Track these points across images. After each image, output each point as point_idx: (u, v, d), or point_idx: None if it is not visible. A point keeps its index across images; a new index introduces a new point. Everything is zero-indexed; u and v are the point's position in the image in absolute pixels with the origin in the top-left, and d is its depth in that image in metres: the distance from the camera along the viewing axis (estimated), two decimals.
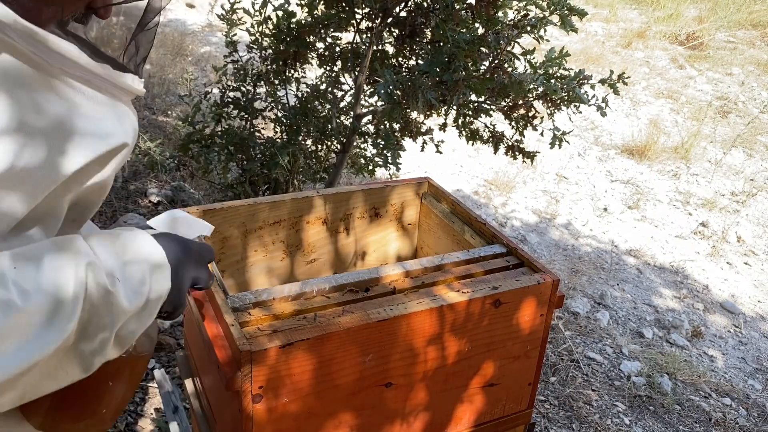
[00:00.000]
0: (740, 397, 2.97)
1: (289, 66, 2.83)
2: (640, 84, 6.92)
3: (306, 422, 1.13)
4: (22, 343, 0.63)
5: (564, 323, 3.26)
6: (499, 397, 1.37)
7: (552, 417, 2.63)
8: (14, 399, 0.67)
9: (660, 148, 5.51)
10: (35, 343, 0.64)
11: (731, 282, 3.97)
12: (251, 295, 1.15)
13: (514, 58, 2.37)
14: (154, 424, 2.16)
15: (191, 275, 0.89)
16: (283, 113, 2.94)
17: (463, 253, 1.38)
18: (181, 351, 1.55)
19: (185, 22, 7.05)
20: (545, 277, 1.30)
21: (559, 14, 2.20)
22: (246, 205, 1.51)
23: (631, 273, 3.93)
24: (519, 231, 4.24)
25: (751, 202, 4.91)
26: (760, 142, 5.92)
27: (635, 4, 9.21)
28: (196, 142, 2.90)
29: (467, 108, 2.60)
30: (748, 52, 7.92)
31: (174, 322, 2.60)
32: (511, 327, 1.29)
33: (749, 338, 3.48)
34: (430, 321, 1.18)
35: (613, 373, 2.98)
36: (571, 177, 5.06)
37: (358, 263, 1.77)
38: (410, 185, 1.73)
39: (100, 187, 0.81)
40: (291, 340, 1.04)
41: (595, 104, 2.42)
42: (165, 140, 4.17)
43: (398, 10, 2.53)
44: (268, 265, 1.62)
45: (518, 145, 2.70)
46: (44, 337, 0.65)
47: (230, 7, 2.78)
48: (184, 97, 3.13)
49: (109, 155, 0.78)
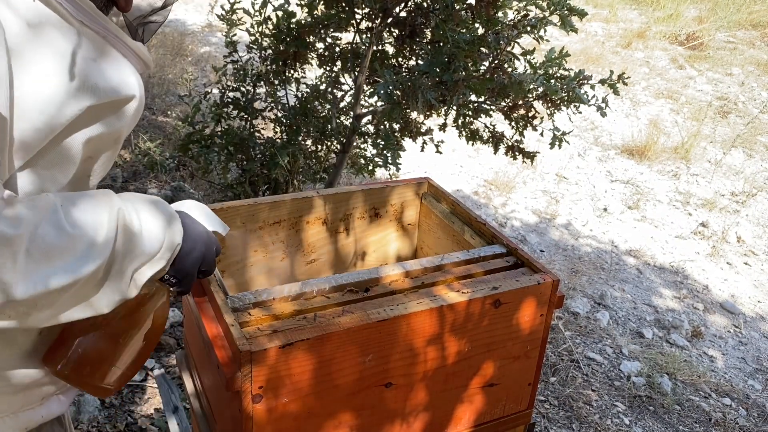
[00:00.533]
0: (740, 397, 2.97)
1: (288, 66, 2.83)
2: (640, 84, 6.92)
3: (306, 422, 1.13)
4: (67, 263, 0.75)
5: (564, 323, 3.25)
6: (499, 397, 1.37)
7: (552, 417, 2.63)
8: (51, 316, 0.78)
9: (660, 149, 5.51)
10: (76, 265, 0.76)
11: (731, 282, 3.97)
12: (251, 295, 1.15)
13: (514, 58, 2.37)
14: (154, 425, 2.16)
15: (200, 249, 0.97)
16: (282, 113, 2.94)
17: (463, 254, 1.38)
18: (181, 351, 1.55)
19: (185, 22, 7.05)
20: (545, 277, 1.30)
21: (559, 14, 2.20)
22: (246, 205, 1.51)
23: (631, 273, 3.93)
24: (519, 231, 4.24)
25: (751, 202, 4.91)
26: (760, 142, 5.92)
27: (635, 4, 9.21)
28: (195, 142, 2.90)
29: (467, 108, 2.60)
30: (748, 52, 7.92)
31: (174, 321, 2.60)
32: (511, 327, 1.29)
33: (749, 338, 3.48)
34: (430, 321, 1.17)
35: (613, 373, 2.98)
36: (571, 177, 5.06)
37: (358, 263, 1.77)
38: (410, 185, 1.73)
39: (111, 136, 0.89)
40: (291, 340, 1.04)
41: (595, 104, 2.42)
42: (165, 140, 4.17)
43: (398, 10, 2.53)
44: (268, 265, 1.62)
45: (518, 145, 2.70)
46: (84, 263, 0.76)
47: (230, 7, 2.78)
48: (184, 97, 3.13)
49: (118, 104, 0.86)
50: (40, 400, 0.95)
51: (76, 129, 0.83)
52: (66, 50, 0.80)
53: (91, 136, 0.85)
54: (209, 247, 0.99)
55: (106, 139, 0.89)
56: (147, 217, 0.86)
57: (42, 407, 0.95)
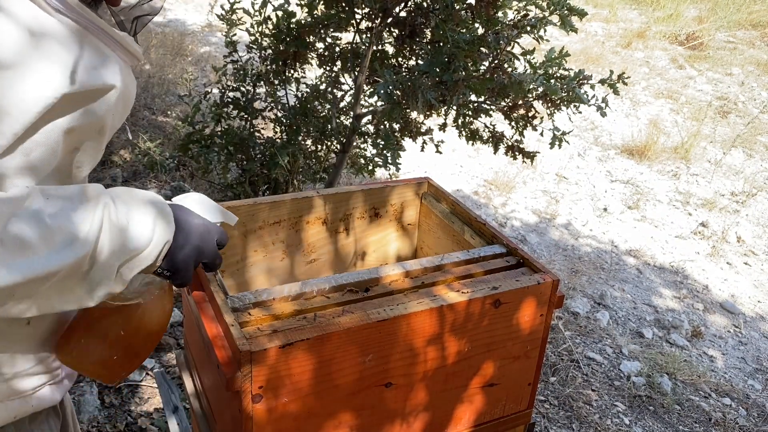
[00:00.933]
0: (740, 397, 2.97)
1: (288, 66, 2.83)
2: (639, 84, 6.92)
3: (306, 422, 1.13)
4: (43, 255, 0.75)
5: (564, 323, 3.26)
6: (499, 397, 1.37)
7: (552, 417, 2.63)
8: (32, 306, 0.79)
9: (660, 148, 5.51)
10: (53, 257, 0.76)
11: (731, 282, 3.97)
12: (251, 295, 1.15)
13: (514, 58, 2.37)
14: (154, 424, 2.16)
15: (194, 242, 0.96)
16: (282, 113, 2.94)
17: (463, 253, 1.38)
18: (181, 351, 1.55)
19: (185, 22, 7.05)
20: (545, 277, 1.30)
21: (559, 14, 2.20)
22: (246, 205, 1.51)
23: (631, 273, 3.93)
24: (519, 231, 4.24)
25: (751, 202, 4.91)
26: (760, 142, 5.92)
27: (635, 4, 9.21)
28: (195, 142, 2.90)
29: (467, 108, 2.60)
30: (748, 52, 7.92)
31: (174, 321, 2.60)
32: (511, 327, 1.29)
33: (749, 338, 3.48)
34: (430, 321, 1.17)
35: (613, 373, 2.98)
36: (571, 177, 5.06)
37: (358, 263, 1.77)
38: (410, 185, 1.73)
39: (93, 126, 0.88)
40: (291, 340, 1.04)
41: (594, 104, 2.42)
42: (165, 140, 4.17)
43: (398, 10, 2.53)
44: (268, 265, 1.62)
45: (518, 145, 2.70)
46: (62, 255, 0.77)
47: (230, 7, 2.78)
48: (184, 97, 3.13)
49: (96, 93, 0.86)
50: (31, 389, 0.96)
51: (54, 117, 0.82)
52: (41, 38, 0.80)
53: (72, 125, 0.84)
54: (206, 240, 0.99)
55: (88, 129, 0.88)
56: (135, 213, 0.87)
57: (32, 397, 0.96)
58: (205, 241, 0.99)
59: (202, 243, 0.98)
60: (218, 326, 1.11)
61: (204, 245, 0.99)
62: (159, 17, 6.99)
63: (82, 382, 2.22)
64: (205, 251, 0.99)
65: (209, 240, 1.00)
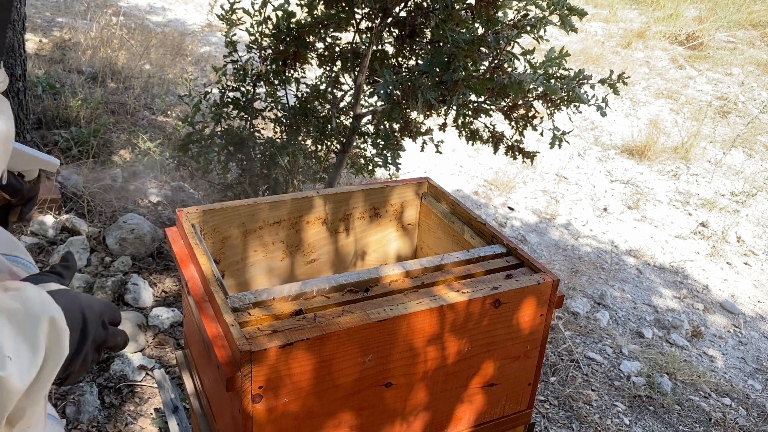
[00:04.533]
0: (740, 397, 2.97)
1: (288, 66, 2.83)
2: (639, 84, 6.92)
3: (306, 422, 1.13)
4: None
5: (564, 323, 3.25)
6: (499, 397, 1.37)
7: (552, 417, 2.63)
8: None
9: (660, 148, 5.51)
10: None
11: (731, 282, 3.97)
12: (251, 295, 1.15)
13: (514, 58, 2.37)
14: (154, 424, 2.16)
15: (92, 338, 0.81)
16: (282, 113, 2.94)
17: (463, 253, 1.38)
18: (181, 351, 1.55)
19: (185, 22, 7.05)
20: (545, 277, 1.30)
21: (558, 14, 2.20)
22: (246, 205, 1.51)
23: (631, 273, 3.93)
24: (519, 231, 4.24)
25: (751, 202, 4.91)
26: (760, 142, 5.92)
27: (635, 4, 9.21)
28: (195, 142, 2.90)
29: (467, 108, 2.60)
30: (748, 52, 7.92)
31: (174, 321, 2.60)
32: (511, 327, 1.29)
33: (749, 338, 3.48)
34: (430, 321, 1.17)
35: (613, 373, 2.98)
36: (571, 177, 5.06)
37: (358, 263, 1.77)
38: (410, 185, 1.73)
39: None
40: (291, 340, 1.04)
41: (594, 104, 2.42)
42: (164, 140, 4.16)
43: (398, 10, 2.53)
44: (268, 265, 1.62)
45: (518, 145, 2.70)
46: None
47: (230, 7, 2.78)
48: (184, 97, 3.13)
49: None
50: None
51: None
52: None
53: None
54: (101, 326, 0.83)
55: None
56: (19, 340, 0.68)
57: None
58: (98, 331, 0.82)
59: (97, 335, 0.81)
60: (218, 326, 1.11)
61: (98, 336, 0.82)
62: (159, 17, 6.99)
63: (83, 382, 2.22)
64: (102, 339, 0.83)
65: (104, 326, 0.84)
